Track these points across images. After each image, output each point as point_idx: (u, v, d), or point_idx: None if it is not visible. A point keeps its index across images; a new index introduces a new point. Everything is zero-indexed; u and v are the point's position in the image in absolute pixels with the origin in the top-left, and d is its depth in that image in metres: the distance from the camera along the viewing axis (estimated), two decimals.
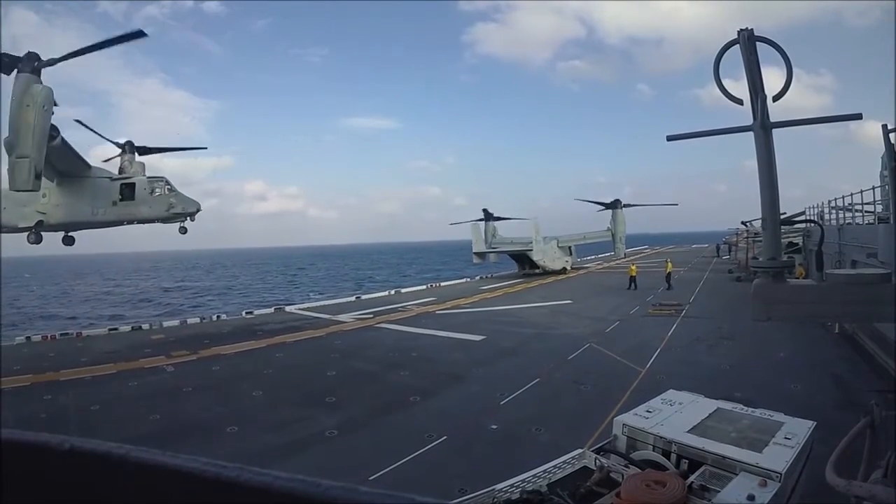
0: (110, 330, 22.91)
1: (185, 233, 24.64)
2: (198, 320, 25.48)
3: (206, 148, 18.89)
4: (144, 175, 22.70)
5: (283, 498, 0.67)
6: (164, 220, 23.51)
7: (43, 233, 21.73)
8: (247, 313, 27.93)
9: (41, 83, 17.23)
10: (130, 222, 23.27)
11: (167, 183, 22.87)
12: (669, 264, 32.87)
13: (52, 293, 76.50)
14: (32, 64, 17.16)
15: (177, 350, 17.83)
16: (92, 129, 22.63)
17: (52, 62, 17.46)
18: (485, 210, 44.89)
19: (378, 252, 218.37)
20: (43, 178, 21.71)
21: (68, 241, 22.86)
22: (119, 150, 23.66)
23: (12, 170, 17.84)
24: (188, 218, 23.64)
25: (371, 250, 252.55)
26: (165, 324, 24.30)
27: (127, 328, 23.37)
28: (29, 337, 21.27)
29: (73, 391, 13.28)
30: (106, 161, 23.71)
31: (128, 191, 21.98)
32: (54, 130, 18.73)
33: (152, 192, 22.42)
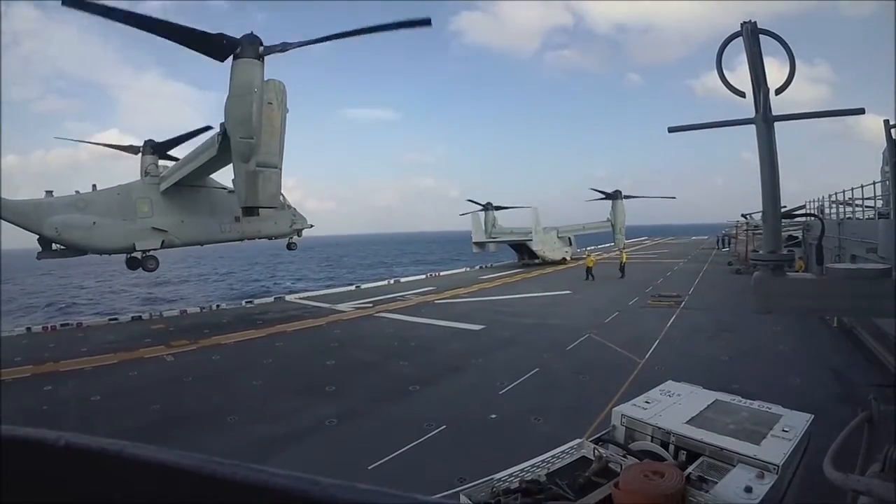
0: (110, 320, 22.90)
1: (294, 249, 23.45)
2: (198, 310, 25.48)
3: (210, 127, 17.11)
4: None
5: (280, 495, 0.66)
6: (283, 236, 22.15)
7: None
8: (247, 302, 27.96)
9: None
10: (251, 239, 21.31)
11: (283, 197, 20.74)
12: (624, 255, 34.92)
13: None
14: (257, 50, 14.22)
15: (177, 340, 17.83)
16: (106, 144, 20.39)
17: (283, 47, 14.36)
18: (489, 203, 44.77)
19: (374, 243, 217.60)
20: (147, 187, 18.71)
21: (135, 263, 19.46)
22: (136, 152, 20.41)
23: (254, 181, 15.00)
24: (298, 234, 22.73)
25: (371, 241, 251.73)
26: (165, 313, 24.30)
27: (127, 318, 23.36)
28: (29, 328, 21.25)
29: (74, 382, 13.32)
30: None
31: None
32: None
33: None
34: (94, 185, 18.41)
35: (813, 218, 22.98)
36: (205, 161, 17.23)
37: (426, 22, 14.30)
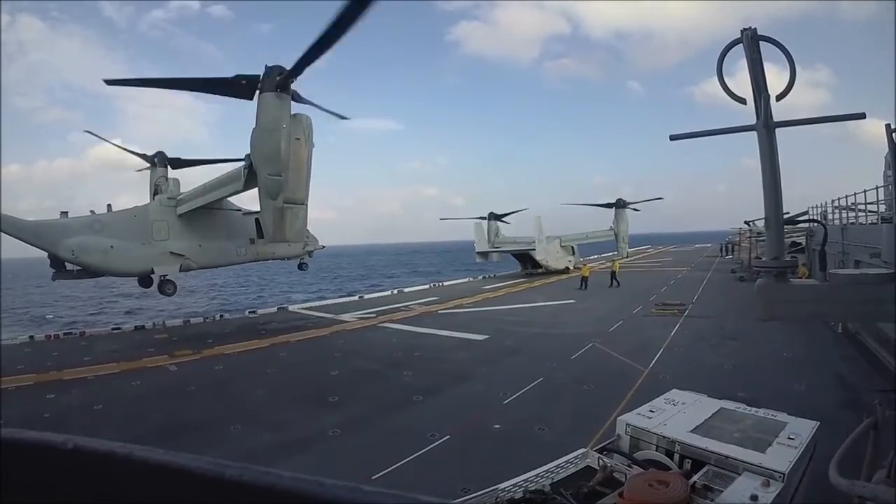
0: (113, 329, 22.90)
1: (306, 269, 23.59)
2: (201, 320, 25.47)
3: (242, 160, 17.30)
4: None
5: (286, 497, 0.67)
6: (296, 257, 22.25)
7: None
8: (250, 312, 27.90)
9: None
10: (265, 260, 21.46)
11: None
12: (616, 264, 35.60)
13: None
14: (287, 84, 14.41)
15: (180, 349, 17.78)
16: (124, 148, 20.26)
17: (302, 100, 14.98)
18: (491, 213, 44.75)
19: (374, 253, 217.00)
20: (163, 210, 18.74)
21: (148, 281, 19.48)
22: (147, 164, 20.67)
23: (282, 218, 15.21)
24: (310, 255, 22.88)
25: (372, 251, 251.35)
26: (168, 323, 24.27)
27: (130, 327, 23.37)
28: (32, 336, 21.27)
29: (76, 390, 13.30)
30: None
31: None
32: None
33: None
34: (108, 206, 18.35)
35: (816, 224, 22.98)
36: (229, 193, 17.41)
37: (344, 117, 17.12)
